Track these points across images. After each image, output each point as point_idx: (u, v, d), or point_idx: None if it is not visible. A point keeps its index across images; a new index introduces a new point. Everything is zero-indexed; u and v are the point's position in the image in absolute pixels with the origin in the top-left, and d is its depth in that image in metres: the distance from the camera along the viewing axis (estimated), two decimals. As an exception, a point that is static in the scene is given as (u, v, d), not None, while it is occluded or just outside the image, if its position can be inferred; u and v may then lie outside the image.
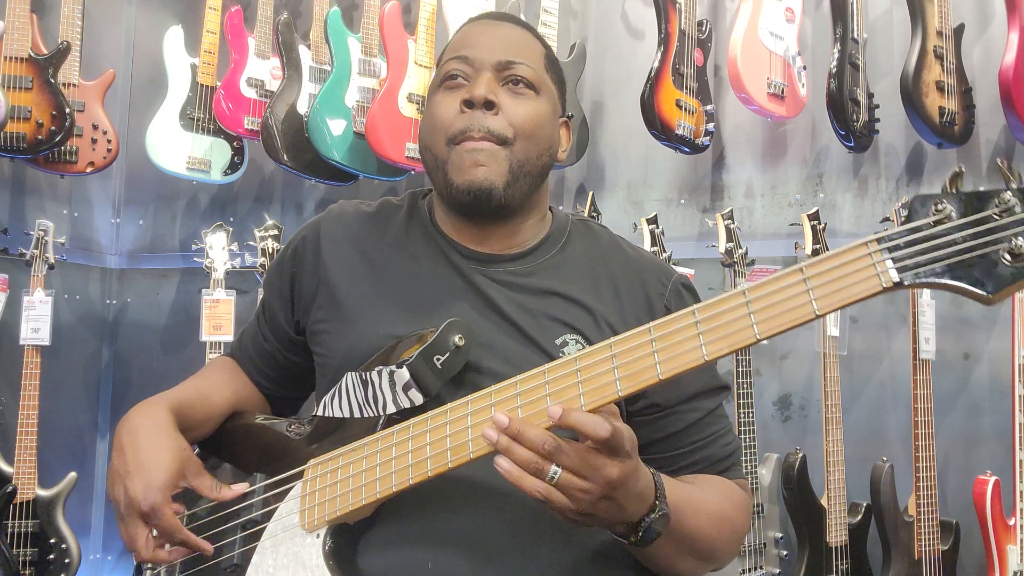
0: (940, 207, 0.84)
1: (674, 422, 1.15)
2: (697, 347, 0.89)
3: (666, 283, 1.19)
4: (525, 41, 1.19)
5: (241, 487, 1.16)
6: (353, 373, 1.12)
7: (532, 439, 0.89)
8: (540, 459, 0.89)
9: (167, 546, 1.11)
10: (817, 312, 0.86)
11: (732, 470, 1.19)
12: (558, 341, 1.12)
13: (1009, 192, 0.82)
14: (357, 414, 1.10)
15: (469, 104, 1.11)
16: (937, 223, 0.84)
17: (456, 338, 1.07)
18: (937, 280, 0.83)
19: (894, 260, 0.85)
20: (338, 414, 1.12)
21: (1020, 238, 0.81)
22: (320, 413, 1.15)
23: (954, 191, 0.86)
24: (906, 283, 0.84)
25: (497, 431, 0.91)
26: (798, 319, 0.87)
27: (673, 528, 0.98)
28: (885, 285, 0.85)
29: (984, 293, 0.82)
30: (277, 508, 1.13)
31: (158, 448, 1.11)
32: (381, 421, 1.07)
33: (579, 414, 0.89)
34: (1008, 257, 0.81)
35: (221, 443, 1.26)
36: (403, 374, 1.06)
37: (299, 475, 1.12)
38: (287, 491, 1.12)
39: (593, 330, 1.14)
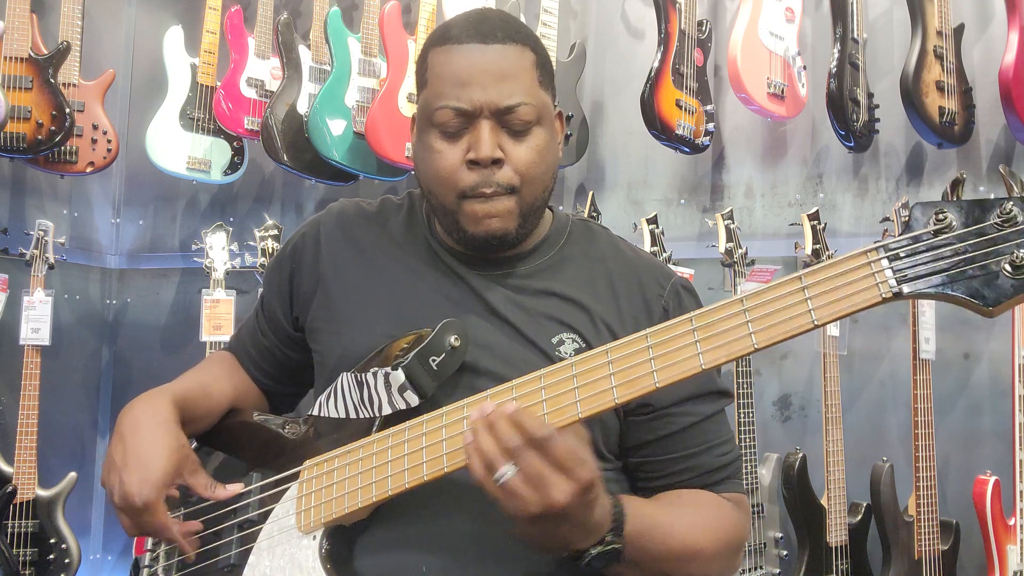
0: (941, 216, 0.83)
1: (665, 425, 1.12)
2: (694, 355, 0.89)
3: (664, 284, 1.18)
4: (517, 63, 1.11)
5: (236, 487, 1.16)
6: (348, 374, 1.12)
7: (500, 432, 0.89)
8: (498, 454, 0.89)
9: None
10: (815, 322, 0.86)
11: (726, 483, 1.15)
12: (554, 340, 1.12)
13: (1011, 202, 0.81)
14: (353, 415, 1.10)
15: (475, 163, 1.09)
16: (938, 232, 0.83)
17: (452, 339, 1.07)
18: (937, 291, 0.82)
19: (894, 270, 0.84)
20: (334, 414, 1.12)
21: (1021, 249, 0.80)
22: (316, 413, 1.15)
23: (955, 199, 0.85)
24: (905, 293, 0.84)
25: (479, 413, 0.92)
26: (796, 329, 0.87)
27: (633, 556, 0.97)
28: (884, 295, 0.84)
29: (984, 306, 0.81)
30: (273, 509, 1.13)
31: (157, 443, 1.11)
32: (377, 423, 1.07)
33: (523, 413, 0.89)
34: (1009, 269, 0.80)
35: (217, 439, 1.26)
36: (398, 376, 1.06)
37: (295, 476, 1.12)
38: (283, 492, 1.12)
39: (590, 329, 1.13)
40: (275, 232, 2.86)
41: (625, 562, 0.97)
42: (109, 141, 2.94)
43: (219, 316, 2.86)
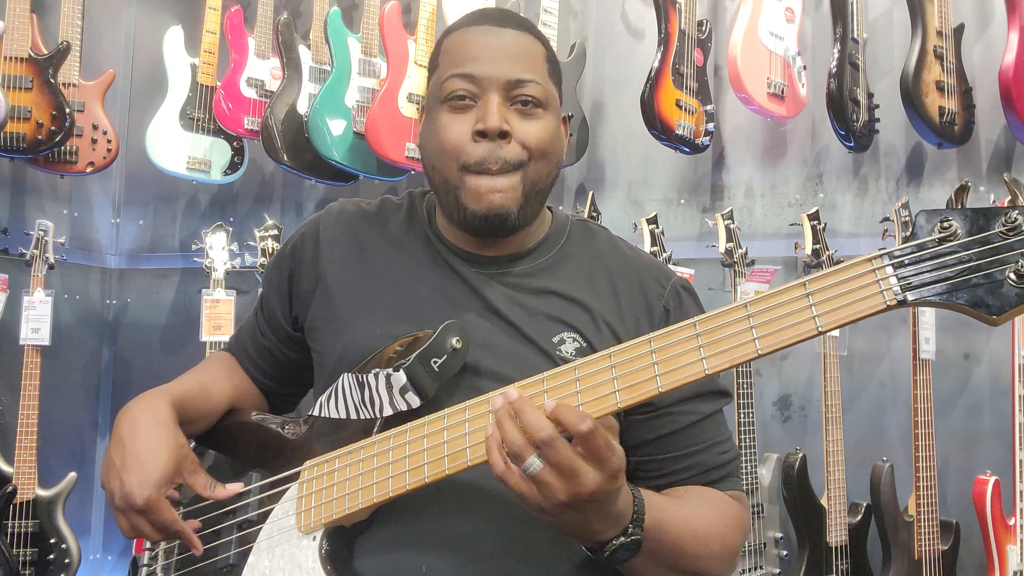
0: (946, 224, 0.83)
1: (667, 423, 1.13)
2: (697, 360, 0.89)
3: (665, 284, 1.19)
4: (529, 49, 1.14)
5: (236, 486, 1.16)
6: (349, 374, 1.12)
7: (529, 422, 0.87)
8: (525, 445, 0.87)
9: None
10: (820, 329, 0.86)
11: (727, 480, 1.16)
12: (555, 339, 1.12)
13: (1016, 211, 0.81)
14: (354, 416, 1.10)
15: (482, 134, 1.09)
16: (942, 240, 0.83)
17: (453, 340, 1.06)
18: (941, 299, 0.83)
19: (898, 278, 0.84)
20: (335, 415, 1.12)
21: None
22: (316, 413, 1.15)
23: (960, 206, 0.85)
24: (910, 301, 0.84)
25: (504, 400, 0.90)
26: (800, 335, 0.86)
27: (651, 548, 0.96)
28: (889, 303, 0.84)
29: (989, 314, 0.81)
30: (273, 509, 1.13)
31: (156, 443, 1.11)
32: (378, 424, 1.07)
33: (564, 407, 0.87)
34: (1013, 277, 0.80)
35: (217, 440, 1.26)
36: (400, 377, 1.06)
37: (295, 476, 1.12)
38: (283, 492, 1.12)
39: (591, 328, 1.13)
40: (275, 232, 2.86)
41: (643, 555, 0.96)
42: (109, 141, 2.94)
43: (219, 316, 2.86)
